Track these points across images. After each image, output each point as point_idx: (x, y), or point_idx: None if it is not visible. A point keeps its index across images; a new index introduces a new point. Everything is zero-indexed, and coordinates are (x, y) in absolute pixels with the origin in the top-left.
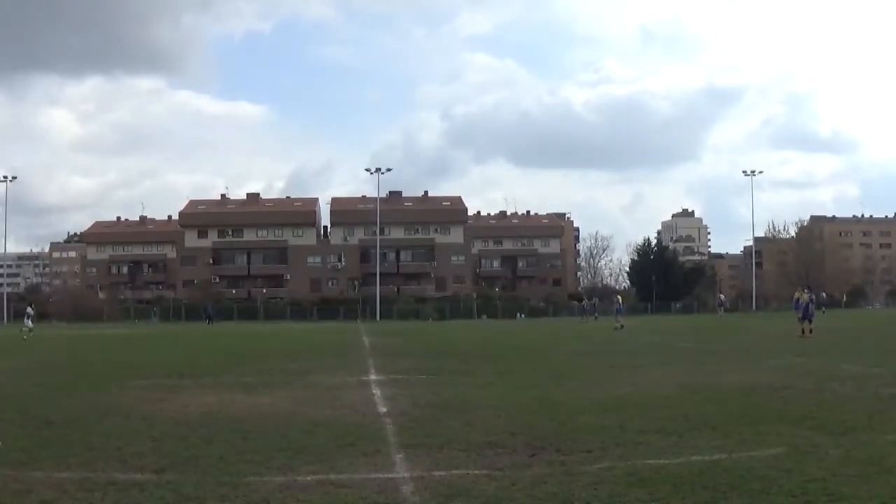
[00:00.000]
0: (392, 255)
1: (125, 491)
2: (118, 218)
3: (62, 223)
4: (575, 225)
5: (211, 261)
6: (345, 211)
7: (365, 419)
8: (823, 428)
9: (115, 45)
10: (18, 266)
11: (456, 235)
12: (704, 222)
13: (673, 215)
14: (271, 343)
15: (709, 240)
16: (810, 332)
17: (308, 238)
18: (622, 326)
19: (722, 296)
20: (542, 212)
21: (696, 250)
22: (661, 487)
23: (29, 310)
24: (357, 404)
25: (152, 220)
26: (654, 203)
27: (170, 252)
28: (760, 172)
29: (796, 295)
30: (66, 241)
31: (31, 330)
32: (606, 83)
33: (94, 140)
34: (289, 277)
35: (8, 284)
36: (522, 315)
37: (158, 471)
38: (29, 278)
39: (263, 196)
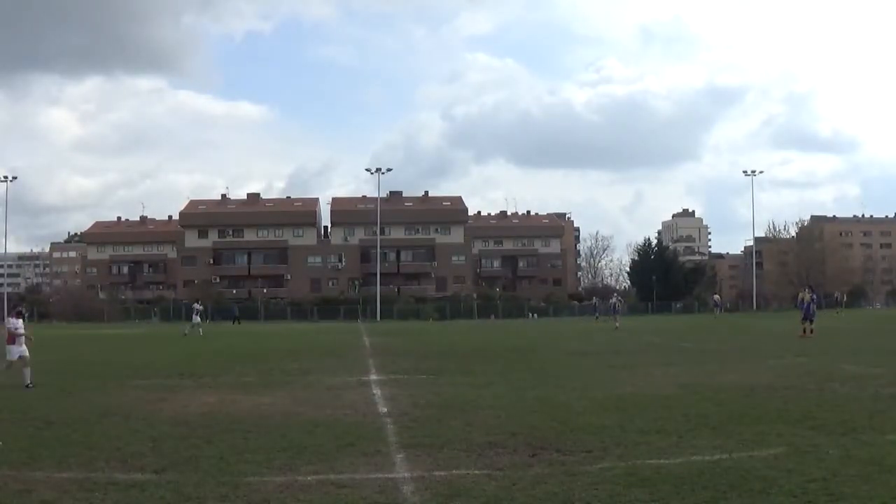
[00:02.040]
0: (392, 255)
1: (125, 491)
2: (118, 218)
3: (62, 223)
4: (575, 225)
5: (211, 261)
6: (345, 211)
7: (365, 419)
8: (824, 428)
9: (115, 45)
10: (19, 266)
11: (456, 235)
12: (705, 222)
13: (673, 215)
14: (271, 343)
15: (709, 240)
16: (811, 332)
17: (308, 238)
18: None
19: (717, 296)
20: (543, 212)
21: (696, 250)
22: (661, 487)
23: (197, 305)
24: (357, 404)
25: (152, 220)
26: (655, 203)
27: (170, 252)
28: (761, 172)
29: (801, 295)
30: (66, 241)
31: (199, 325)
32: (607, 83)
33: (94, 140)
34: (289, 277)
35: (8, 284)
36: (535, 315)
37: (158, 471)
38: (29, 278)
39: (264, 196)
